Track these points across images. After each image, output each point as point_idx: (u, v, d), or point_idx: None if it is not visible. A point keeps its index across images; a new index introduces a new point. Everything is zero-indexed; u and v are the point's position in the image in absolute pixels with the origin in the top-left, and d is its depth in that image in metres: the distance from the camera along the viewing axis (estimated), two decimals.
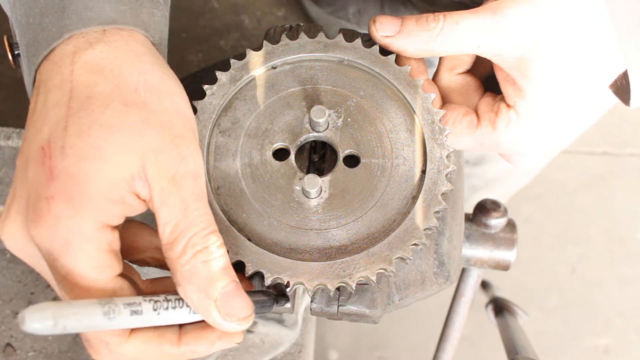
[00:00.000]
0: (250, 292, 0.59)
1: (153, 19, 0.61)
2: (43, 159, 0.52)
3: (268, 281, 0.60)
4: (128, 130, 0.53)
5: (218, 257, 0.54)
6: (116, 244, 0.55)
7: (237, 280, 0.56)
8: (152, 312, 0.52)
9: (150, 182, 0.54)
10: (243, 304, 0.55)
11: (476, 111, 0.70)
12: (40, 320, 0.44)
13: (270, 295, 0.62)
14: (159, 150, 0.54)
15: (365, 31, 1.01)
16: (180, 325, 0.58)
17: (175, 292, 0.55)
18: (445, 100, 0.72)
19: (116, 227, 0.55)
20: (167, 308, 0.54)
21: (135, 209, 0.55)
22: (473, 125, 0.69)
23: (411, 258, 0.62)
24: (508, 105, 0.67)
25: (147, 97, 0.55)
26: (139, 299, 0.52)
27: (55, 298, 0.89)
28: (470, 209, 0.82)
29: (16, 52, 0.65)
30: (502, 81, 0.68)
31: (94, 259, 0.53)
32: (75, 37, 0.56)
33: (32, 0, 0.58)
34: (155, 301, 0.53)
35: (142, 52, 0.58)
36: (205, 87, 0.67)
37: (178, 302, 0.55)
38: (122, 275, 0.56)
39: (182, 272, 0.54)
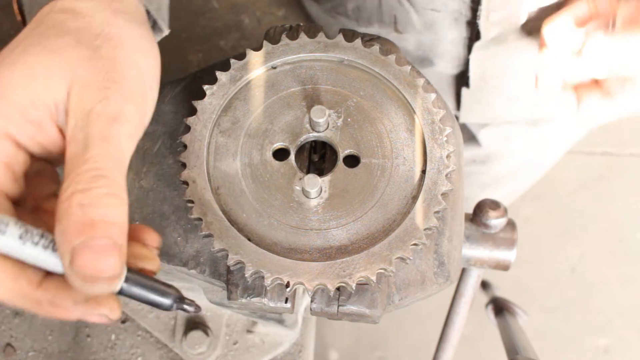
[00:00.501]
0: (150, 278, 0.53)
1: None
2: None
3: (268, 281, 0.60)
4: (66, 60, 0.52)
5: (99, 205, 0.48)
6: (17, 164, 0.52)
7: (120, 242, 0.48)
8: (16, 239, 0.48)
9: (68, 116, 0.52)
10: (109, 267, 0.47)
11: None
12: None
13: (170, 291, 0.54)
14: (86, 85, 0.52)
15: (364, 28, 1.01)
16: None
17: None
18: None
19: (27, 152, 0.53)
20: (36, 243, 0.48)
21: (53, 141, 0.53)
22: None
23: (411, 258, 0.62)
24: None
25: (102, 43, 0.54)
26: (8, 218, 0.48)
27: None
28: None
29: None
30: None
31: None
32: None
33: None
34: (26, 230, 0.48)
35: (121, 9, 0.57)
36: (205, 87, 0.67)
37: (52, 244, 0.49)
38: (20, 205, 0.53)
39: (58, 210, 0.48)
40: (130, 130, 0.52)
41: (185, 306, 0.55)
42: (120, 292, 0.52)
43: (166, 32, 0.64)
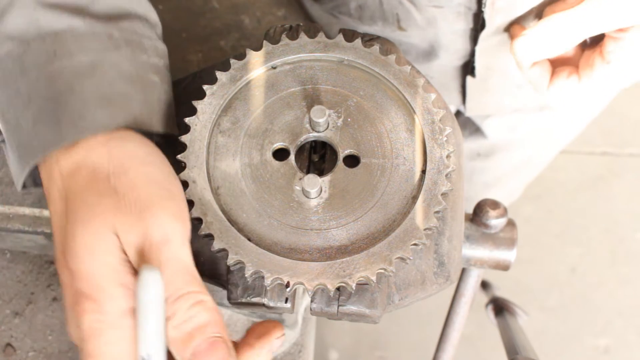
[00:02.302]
0: None
1: (146, 108, 0.63)
2: (63, 264, 0.58)
3: (268, 281, 0.60)
4: (103, 219, 0.57)
5: (188, 320, 0.55)
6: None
7: (220, 334, 0.56)
8: None
9: (130, 259, 0.57)
10: (220, 355, 0.55)
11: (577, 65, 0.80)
12: None
13: None
14: (128, 230, 0.56)
15: (367, 27, 1.01)
16: None
17: None
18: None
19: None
20: None
21: None
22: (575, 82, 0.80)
23: (411, 258, 0.62)
24: (603, 59, 0.77)
25: (116, 182, 0.58)
26: None
27: (55, 298, 0.89)
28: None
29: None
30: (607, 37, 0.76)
31: (120, 343, 0.56)
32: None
33: (23, 104, 0.61)
34: None
35: (118, 142, 0.60)
36: (205, 87, 0.67)
37: None
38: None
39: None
40: (180, 238, 0.58)
41: None
42: None
43: (175, 131, 0.68)
